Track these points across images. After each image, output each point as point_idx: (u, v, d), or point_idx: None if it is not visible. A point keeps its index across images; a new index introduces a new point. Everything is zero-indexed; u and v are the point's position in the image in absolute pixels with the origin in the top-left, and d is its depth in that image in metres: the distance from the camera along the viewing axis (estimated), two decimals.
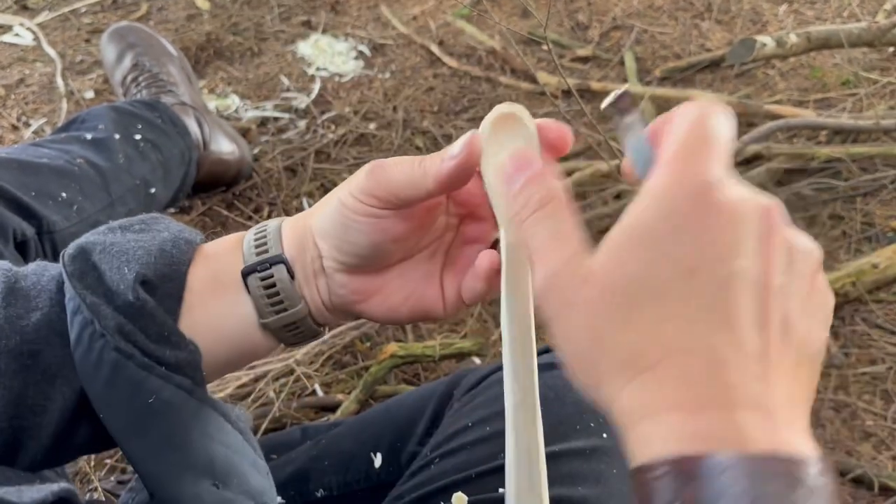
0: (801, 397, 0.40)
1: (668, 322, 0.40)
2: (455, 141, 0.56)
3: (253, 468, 0.64)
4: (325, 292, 0.63)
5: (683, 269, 0.40)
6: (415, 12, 2.21)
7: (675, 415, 0.38)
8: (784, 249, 0.41)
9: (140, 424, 0.58)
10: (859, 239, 1.58)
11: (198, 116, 1.59)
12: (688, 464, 0.36)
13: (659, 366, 0.39)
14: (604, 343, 0.41)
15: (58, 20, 2.12)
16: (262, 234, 0.62)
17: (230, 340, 0.62)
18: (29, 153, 1.26)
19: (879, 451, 1.26)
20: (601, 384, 0.42)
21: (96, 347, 0.57)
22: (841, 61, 2.00)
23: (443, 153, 0.56)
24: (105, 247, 0.59)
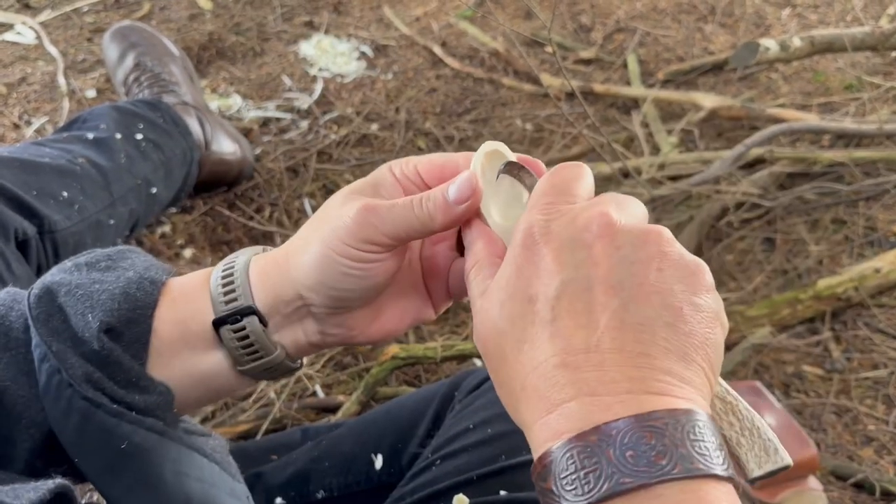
0: (652, 364, 0.45)
1: (523, 348, 0.48)
2: (454, 182, 0.56)
3: (231, 497, 0.64)
4: (314, 334, 0.62)
5: (524, 300, 0.48)
6: (418, 13, 2.21)
7: (537, 425, 0.46)
8: (612, 249, 0.48)
9: (113, 468, 0.58)
10: (862, 243, 1.58)
11: (200, 116, 1.59)
12: (545, 458, 0.44)
13: (524, 387, 0.47)
14: (497, 378, 0.50)
15: (60, 19, 2.12)
16: (230, 277, 0.60)
17: (204, 382, 0.61)
18: (31, 152, 1.26)
19: (881, 456, 1.26)
20: (512, 416, 0.50)
21: (65, 396, 0.56)
22: (844, 65, 2.00)
23: (444, 191, 0.56)
24: (70, 289, 0.58)
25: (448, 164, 0.59)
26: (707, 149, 1.79)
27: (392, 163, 0.60)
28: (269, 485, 0.93)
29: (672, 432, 0.42)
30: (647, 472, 0.41)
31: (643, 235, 0.48)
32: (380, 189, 0.59)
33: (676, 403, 0.43)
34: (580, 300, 0.47)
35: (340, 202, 0.58)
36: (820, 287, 1.43)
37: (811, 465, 1.13)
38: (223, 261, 0.62)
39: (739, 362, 1.36)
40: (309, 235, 0.59)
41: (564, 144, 1.82)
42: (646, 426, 0.42)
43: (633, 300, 0.46)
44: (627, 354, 0.45)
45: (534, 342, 0.47)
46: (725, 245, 1.59)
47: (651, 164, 1.69)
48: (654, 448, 0.41)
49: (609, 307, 0.46)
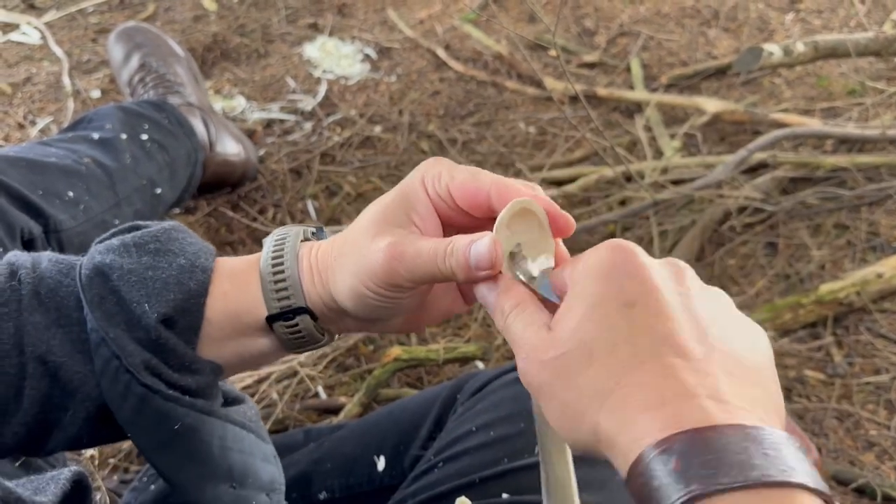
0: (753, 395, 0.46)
1: (619, 347, 0.47)
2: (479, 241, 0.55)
3: (264, 462, 0.69)
4: (354, 326, 0.65)
5: (621, 304, 0.48)
6: (421, 16, 2.22)
7: (646, 415, 0.44)
8: (698, 286, 0.51)
9: (166, 445, 0.62)
10: (864, 248, 1.58)
11: (204, 117, 1.59)
12: (665, 443, 0.42)
13: (620, 384, 0.46)
14: (574, 386, 0.48)
15: (65, 19, 2.13)
16: (281, 275, 0.61)
17: (252, 361, 0.65)
18: (36, 152, 1.26)
19: (882, 461, 1.26)
20: (582, 424, 0.47)
21: (122, 380, 0.59)
22: (847, 71, 2.00)
23: (465, 252, 0.55)
24: (122, 273, 0.60)
25: (480, 193, 0.57)
26: (710, 153, 1.79)
27: (425, 174, 0.59)
28: None
29: (792, 449, 0.42)
30: (786, 473, 0.40)
31: (713, 289, 0.52)
32: (411, 211, 0.58)
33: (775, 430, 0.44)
34: (681, 315, 0.47)
35: (371, 232, 0.58)
36: (822, 292, 1.43)
37: None
38: (269, 245, 0.63)
39: None
40: (343, 260, 0.59)
41: (567, 148, 1.82)
42: (773, 436, 0.42)
43: (726, 331, 0.48)
44: (730, 377, 0.46)
45: (635, 342, 0.47)
46: (728, 249, 1.59)
47: (654, 168, 1.69)
48: (774, 454, 0.41)
49: (709, 331, 0.47)
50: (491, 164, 1.76)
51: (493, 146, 1.82)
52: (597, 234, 1.57)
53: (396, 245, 0.56)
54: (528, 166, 1.76)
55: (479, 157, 1.79)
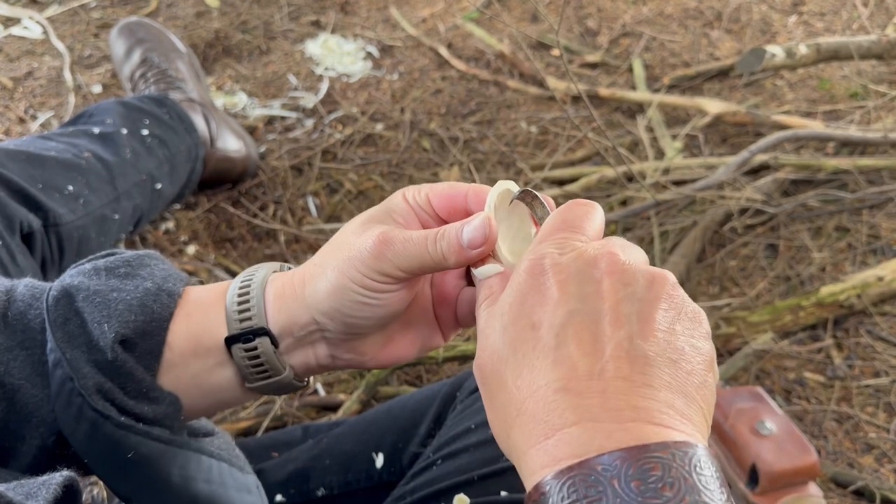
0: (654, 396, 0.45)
1: (523, 373, 0.47)
2: (472, 220, 0.56)
3: (241, 492, 0.67)
4: (325, 357, 0.62)
5: (527, 326, 0.48)
6: (424, 14, 2.21)
7: (533, 450, 0.45)
8: (620, 285, 0.48)
9: (123, 473, 0.60)
10: (865, 251, 1.58)
11: (205, 113, 1.59)
12: (554, 480, 0.43)
13: (520, 412, 0.47)
14: (493, 405, 0.50)
15: (67, 14, 2.12)
16: (246, 296, 0.60)
17: (211, 394, 0.63)
18: (37, 146, 1.26)
19: (881, 464, 1.26)
20: (503, 443, 0.49)
21: (75, 403, 0.58)
22: (849, 73, 2.00)
23: (458, 233, 0.56)
24: (88, 294, 0.59)
25: (456, 195, 0.58)
26: (711, 154, 1.79)
27: (406, 190, 0.60)
28: (270, 482, 0.93)
29: (679, 464, 0.42)
30: (654, 503, 0.40)
31: (650, 276, 0.49)
32: (394, 215, 0.59)
33: (679, 436, 0.43)
34: (586, 330, 0.47)
35: (358, 230, 0.58)
36: (822, 294, 1.43)
37: (811, 472, 1.13)
38: (240, 275, 0.62)
39: (741, 368, 1.36)
40: (325, 262, 0.59)
41: (569, 148, 1.82)
42: (652, 456, 0.42)
43: (638, 334, 0.47)
44: (632, 384, 0.45)
45: (534, 367, 0.47)
46: (729, 251, 1.59)
47: (655, 169, 1.69)
48: (662, 479, 0.41)
49: (615, 338, 0.46)
50: (492, 163, 1.76)
51: (494, 145, 1.82)
52: None
53: (386, 232, 0.57)
54: (530, 166, 1.76)
55: (480, 156, 1.79)
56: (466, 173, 1.72)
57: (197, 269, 1.50)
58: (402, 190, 0.60)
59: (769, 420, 1.16)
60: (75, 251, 1.21)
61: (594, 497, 0.41)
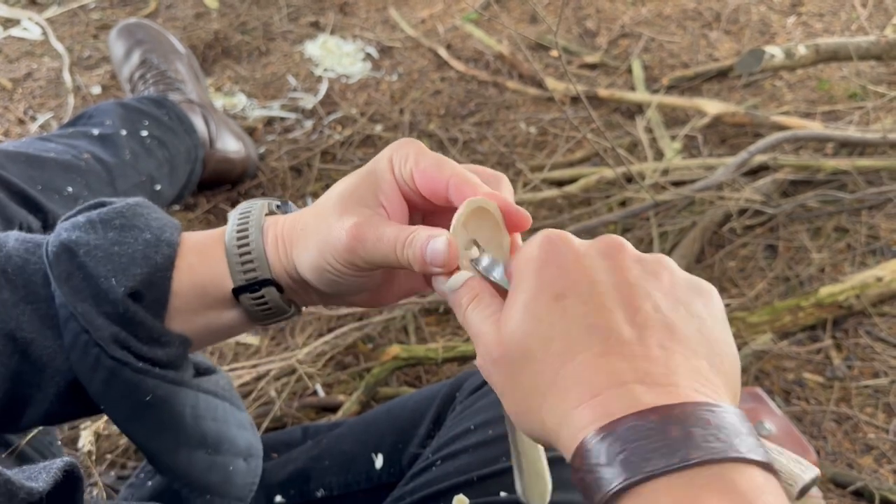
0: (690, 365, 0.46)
1: (553, 343, 0.48)
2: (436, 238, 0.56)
3: (240, 429, 0.71)
4: (318, 300, 0.66)
5: (551, 298, 0.49)
6: (423, 15, 2.21)
7: (579, 409, 0.45)
8: (633, 261, 0.50)
9: (138, 416, 0.63)
10: (864, 252, 1.58)
11: (205, 114, 1.59)
12: (599, 433, 0.43)
13: (556, 379, 0.47)
14: (519, 385, 0.50)
15: (66, 15, 2.13)
16: (246, 246, 0.62)
17: (221, 333, 0.66)
18: (36, 147, 1.26)
19: (880, 465, 1.26)
20: (532, 420, 0.49)
21: (92, 353, 0.60)
22: (848, 74, 2.00)
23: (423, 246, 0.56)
24: (89, 249, 0.61)
25: (439, 183, 0.58)
26: (711, 155, 1.79)
27: (394, 154, 0.60)
28: (269, 483, 0.93)
29: (725, 418, 0.43)
30: (716, 447, 0.41)
31: (653, 257, 0.52)
32: (378, 191, 0.59)
33: (721, 399, 0.45)
34: (612, 299, 0.48)
35: (338, 210, 0.59)
36: (822, 295, 1.43)
37: None
38: (234, 219, 0.64)
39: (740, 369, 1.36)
40: (308, 232, 0.61)
41: (568, 148, 1.82)
42: (704, 410, 0.43)
43: (663, 304, 0.48)
44: (670, 352, 0.46)
45: (568, 335, 0.47)
46: (728, 251, 1.59)
47: (654, 170, 1.69)
48: (717, 429, 0.42)
49: (643, 309, 0.48)
50: (491, 163, 1.76)
51: (493, 146, 1.82)
52: (597, 234, 1.57)
53: (360, 226, 0.58)
54: (529, 166, 1.76)
55: (479, 157, 1.79)
56: None
57: None
58: (391, 153, 0.60)
59: (768, 420, 1.16)
60: None
61: (655, 444, 0.42)
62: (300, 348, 1.36)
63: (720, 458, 0.41)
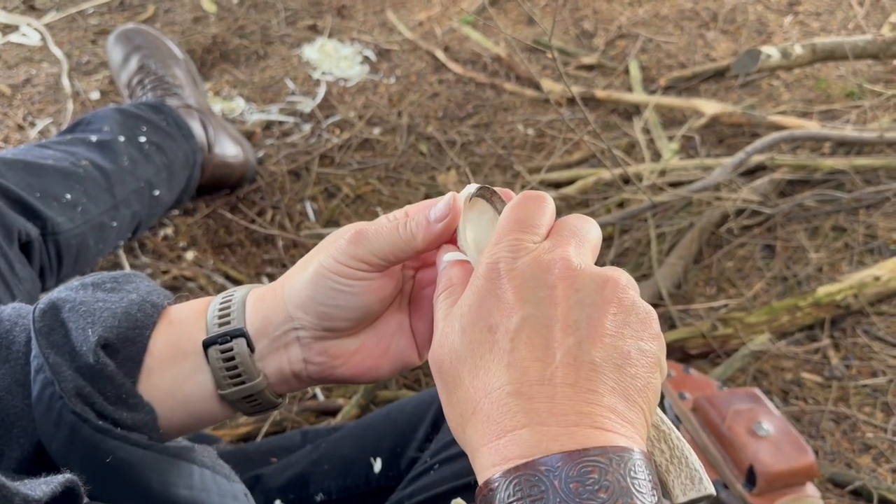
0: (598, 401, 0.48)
1: (479, 374, 0.50)
2: (436, 202, 0.60)
3: (225, 498, 0.67)
4: (297, 362, 0.63)
5: (485, 328, 0.50)
6: (421, 18, 2.22)
7: (484, 448, 0.48)
8: (571, 291, 0.51)
9: (101, 479, 0.60)
10: (862, 251, 1.58)
11: (203, 119, 1.59)
12: (489, 485, 0.46)
13: (476, 411, 0.49)
14: (448, 402, 0.52)
15: (65, 21, 2.13)
16: (227, 305, 0.63)
17: (186, 406, 0.63)
18: (34, 154, 1.26)
19: (879, 464, 1.26)
20: (459, 437, 0.51)
21: (56, 408, 0.59)
22: (845, 73, 2.00)
23: (424, 213, 0.59)
24: (74, 305, 0.61)
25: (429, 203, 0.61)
26: (708, 155, 1.80)
27: None
28: (269, 487, 0.94)
29: (615, 468, 0.44)
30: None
31: (601, 281, 0.52)
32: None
33: (618, 441, 0.46)
34: (539, 335, 0.49)
35: (335, 235, 0.61)
36: (819, 294, 1.43)
37: (809, 473, 1.13)
38: (224, 291, 0.65)
39: (738, 369, 1.37)
40: (305, 262, 0.62)
41: (566, 150, 1.83)
42: (591, 460, 0.44)
43: (587, 340, 0.49)
44: (578, 390, 0.47)
45: (489, 370, 0.49)
46: (725, 252, 1.59)
47: (652, 171, 1.70)
48: (598, 482, 0.44)
49: (565, 344, 0.49)
50: (489, 166, 1.77)
51: (491, 148, 1.82)
52: None
53: (361, 226, 0.60)
54: (527, 168, 1.76)
55: (477, 160, 1.79)
56: (463, 177, 1.73)
57: (196, 275, 1.51)
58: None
59: (766, 421, 1.16)
60: (74, 259, 1.21)
61: (537, 496, 0.44)
62: None
63: None
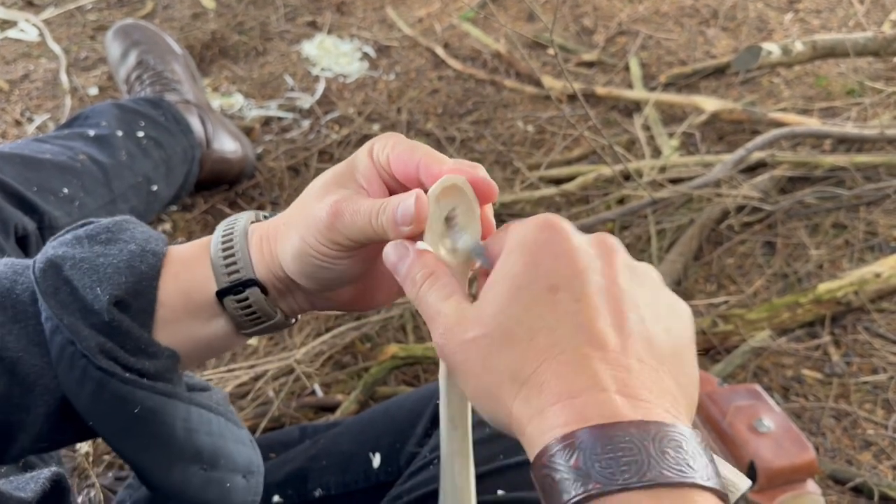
0: (663, 384, 0.46)
1: (539, 335, 0.47)
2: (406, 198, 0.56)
3: (238, 444, 0.69)
4: (304, 303, 0.65)
5: (545, 288, 0.48)
6: (420, 14, 2.21)
7: (556, 407, 0.45)
8: (625, 266, 0.50)
9: (128, 429, 0.61)
10: (862, 248, 1.57)
11: (201, 114, 1.59)
12: (570, 438, 0.43)
13: (536, 372, 0.46)
14: (494, 369, 0.48)
15: (63, 16, 2.12)
16: (230, 250, 0.62)
17: (208, 346, 0.65)
18: (32, 148, 1.26)
19: (880, 461, 1.26)
20: (499, 407, 0.48)
21: (79, 365, 0.59)
22: (846, 70, 2.00)
23: (394, 209, 0.56)
24: (75, 262, 0.60)
25: (410, 164, 0.58)
26: (708, 152, 1.79)
27: (374, 143, 0.60)
28: (267, 483, 0.93)
29: (694, 446, 0.44)
30: (687, 471, 0.42)
31: (647, 268, 0.52)
32: (357, 174, 0.60)
33: (686, 422, 0.45)
34: (604, 301, 0.48)
35: (319, 193, 0.60)
36: (820, 291, 1.43)
37: (810, 469, 1.13)
38: (220, 228, 0.64)
39: (739, 365, 1.36)
40: (290, 222, 0.61)
41: (566, 146, 1.82)
42: (678, 432, 0.43)
43: (648, 318, 0.48)
44: (647, 367, 0.46)
45: (554, 330, 0.47)
46: (726, 248, 1.59)
47: (652, 167, 1.69)
48: (689, 454, 0.43)
49: (629, 318, 0.48)
50: (489, 162, 1.76)
51: (491, 145, 1.82)
52: (595, 232, 1.57)
53: (338, 202, 0.58)
54: (527, 165, 1.76)
55: (477, 156, 1.79)
56: None
57: None
58: (372, 143, 0.61)
59: (767, 417, 1.16)
60: None
61: (631, 457, 0.42)
62: (298, 348, 1.36)
63: (688, 483, 0.42)
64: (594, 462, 0.42)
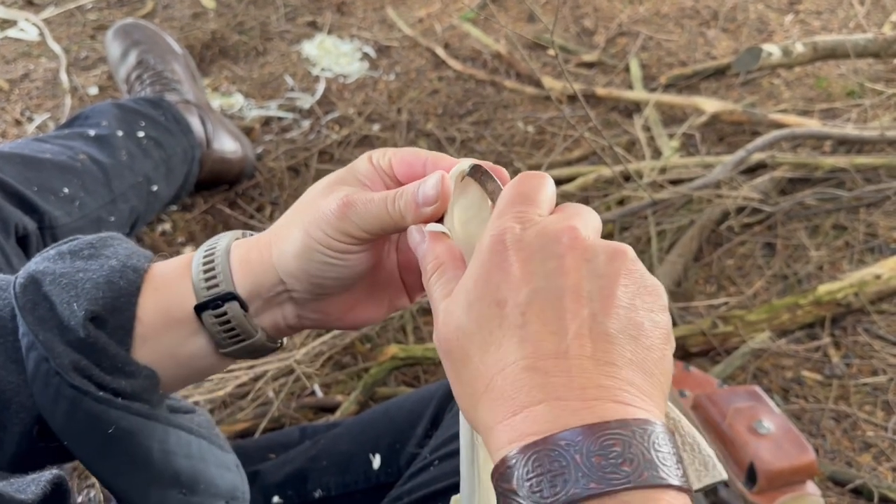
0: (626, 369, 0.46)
1: (491, 349, 0.48)
2: (424, 182, 0.57)
3: (221, 469, 0.67)
4: (292, 318, 0.63)
5: (493, 303, 0.48)
6: (421, 15, 2.21)
7: (500, 426, 0.46)
8: (581, 262, 0.49)
9: (103, 450, 0.60)
10: (862, 249, 1.57)
11: (201, 114, 1.59)
12: (507, 461, 0.44)
13: (488, 389, 0.47)
14: (460, 380, 0.50)
15: (63, 16, 2.12)
16: (210, 264, 0.61)
17: (188, 365, 0.63)
18: (32, 148, 1.26)
19: (879, 463, 1.26)
20: (469, 415, 0.49)
21: (53, 383, 0.58)
22: (846, 72, 2.00)
23: (414, 192, 0.57)
24: (55, 277, 0.59)
25: (416, 162, 0.59)
26: (708, 153, 1.79)
27: (373, 152, 0.61)
28: (267, 483, 0.93)
29: (638, 441, 0.43)
30: (614, 478, 0.42)
31: (611, 252, 0.49)
32: (359, 176, 0.60)
33: (639, 414, 0.44)
34: (550, 308, 0.47)
35: (323, 192, 0.59)
36: (820, 292, 1.43)
37: (809, 471, 1.12)
38: (203, 245, 0.63)
39: (738, 367, 1.36)
40: (292, 223, 0.60)
41: (566, 147, 1.82)
42: (613, 433, 0.43)
43: (601, 311, 0.47)
44: (595, 363, 0.46)
45: (501, 345, 0.47)
46: (726, 250, 1.59)
47: (652, 168, 1.69)
48: (622, 455, 0.42)
49: (578, 316, 0.47)
50: None
51: (491, 145, 1.82)
52: None
53: (349, 195, 0.58)
54: (527, 165, 1.76)
55: (477, 157, 1.78)
56: None
57: None
58: (370, 152, 0.61)
59: (767, 419, 1.16)
60: None
61: (557, 471, 0.42)
62: (298, 348, 1.36)
63: (614, 491, 0.41)
64: (522, 483, 0.43)
